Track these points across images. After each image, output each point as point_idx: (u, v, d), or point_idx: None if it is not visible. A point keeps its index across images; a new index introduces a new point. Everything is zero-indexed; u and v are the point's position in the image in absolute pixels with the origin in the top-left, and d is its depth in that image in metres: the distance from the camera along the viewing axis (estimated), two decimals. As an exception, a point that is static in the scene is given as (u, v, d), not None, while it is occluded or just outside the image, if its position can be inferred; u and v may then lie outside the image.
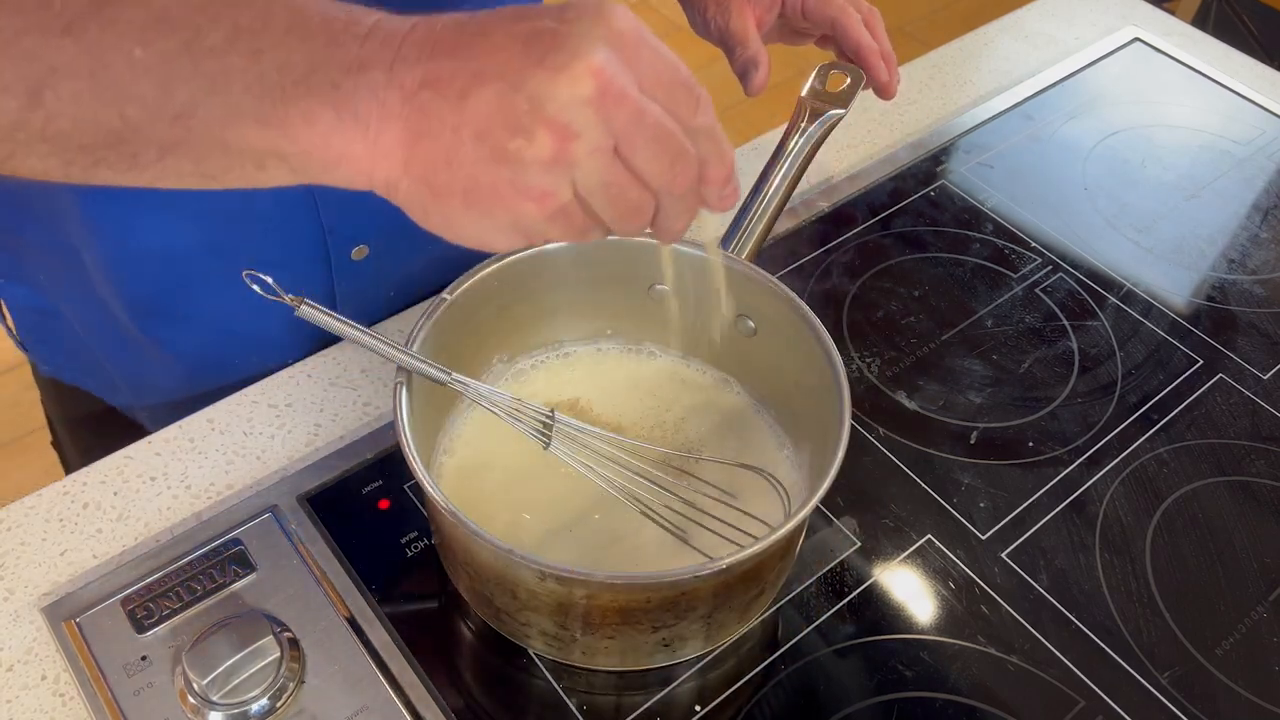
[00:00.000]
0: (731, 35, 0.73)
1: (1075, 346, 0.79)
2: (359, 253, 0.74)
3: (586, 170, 0.39)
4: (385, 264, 0.75)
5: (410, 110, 0.39)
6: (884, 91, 0.76)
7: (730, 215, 0.68)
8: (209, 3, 0.39)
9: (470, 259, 0.62)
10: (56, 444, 0.92)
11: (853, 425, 0.56)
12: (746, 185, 0.67)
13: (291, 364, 0.74)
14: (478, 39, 0.39)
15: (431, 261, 0.77)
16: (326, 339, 0.77)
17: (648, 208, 0.42)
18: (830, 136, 0.72)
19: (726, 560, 0.49)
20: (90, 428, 0.86)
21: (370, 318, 0.77)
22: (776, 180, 0.65)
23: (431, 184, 0.40)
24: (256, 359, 0.75)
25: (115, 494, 0.66)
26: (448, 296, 0.59)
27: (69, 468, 0.89)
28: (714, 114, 0.42)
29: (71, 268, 0.70)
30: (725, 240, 0.65)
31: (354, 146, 0.40)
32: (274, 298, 0.52)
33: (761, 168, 0.71)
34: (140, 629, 0.58)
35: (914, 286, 0.83)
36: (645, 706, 0.58)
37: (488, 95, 0.38)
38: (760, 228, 0.65)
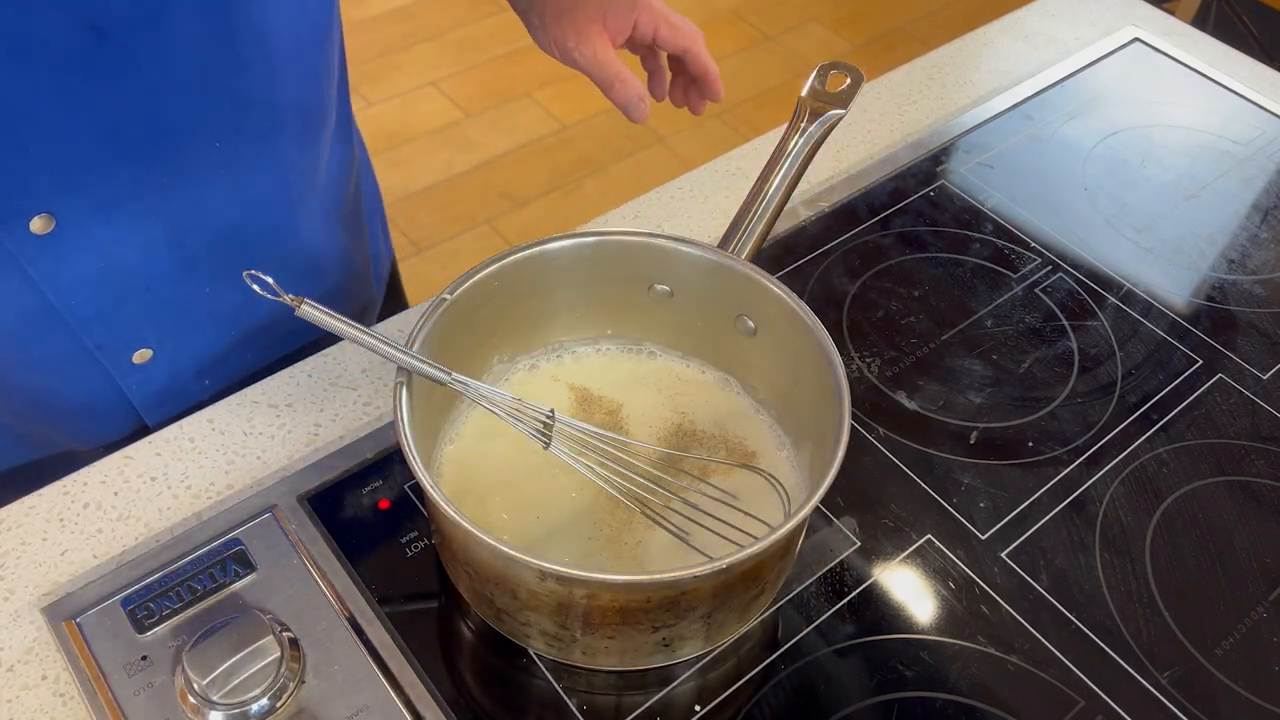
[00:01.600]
0: (602, 67, 0.72)
1: (1075, 346, 0.79)
2: (141, 356, 0.71)
3: None
4: (180, 358, 0.73)
5: None
6: (717, 98, 0.79)
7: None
8: None
9: (272, 341, 0.64)
10: None
11: (853, 425, 0.56)
12: (746, 185, 0.67)
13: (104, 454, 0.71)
14: None
15: (232, 343, 0.74)
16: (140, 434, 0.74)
17: None
18: (830, 136, 0.72)
19: (727, 560, 0.49)
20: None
21: (185, 411, 0.73)
22: (776, 180, 0.65)
23: None
24: (61, 443, 0.74)
25: (115, 494, 0.66)
26: (448, 296, 0.59)
27: None
28: None
29: None
30: (725, 240, 0.65)
31: None
32: (274, 297, 0.52)
33: (761, 168, 0.71)
34: (140, 629, 0.58)
35: (914, 286, 0.83)
36: (645, 706, 0.58)
37: None
38: (760, 228, 0.65)
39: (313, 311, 0.52)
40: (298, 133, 0.70)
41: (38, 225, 0.60)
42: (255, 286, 0.52)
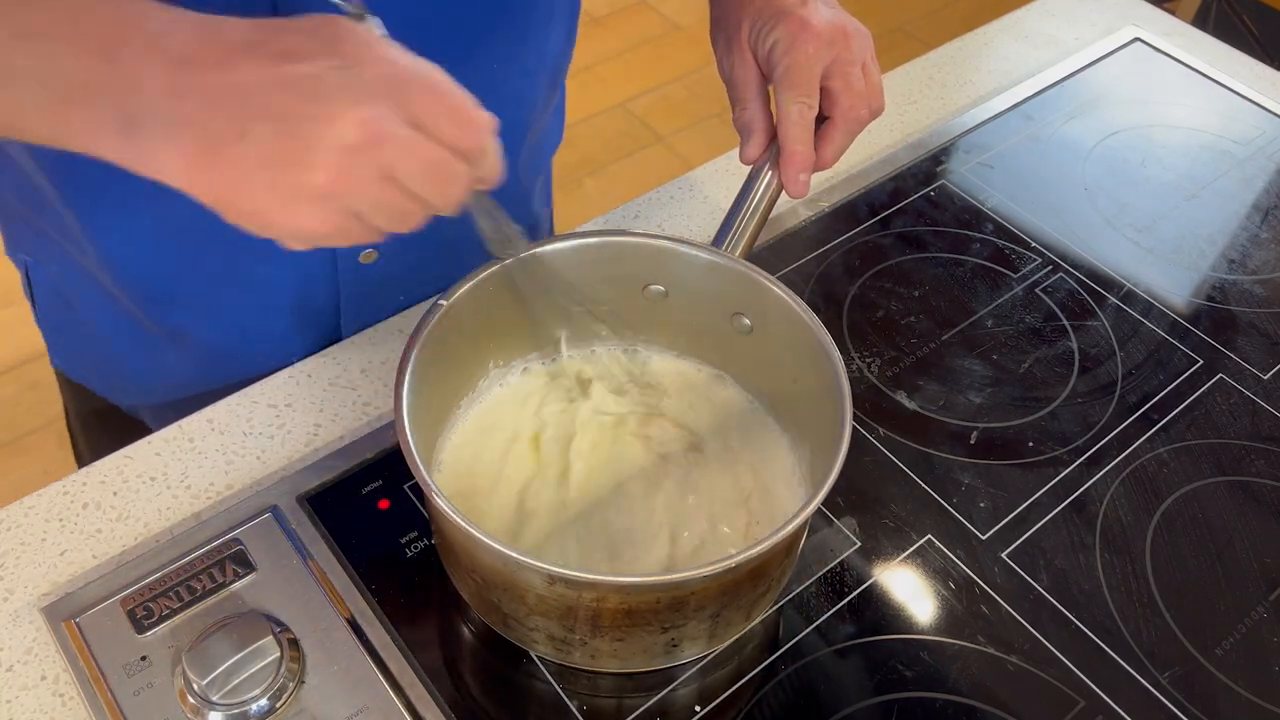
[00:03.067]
0: (734, 87, 0.67)
1: (1075, 346, 0.79)
2: (367, 257, 0.73)
3: (358, 198, 0.43)
4: (394, 269, 0.75)
5: (189, 142, 0.42)
6: (787, 190, 0.66)
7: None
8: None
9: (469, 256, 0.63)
10: (72, 436, 0.93)
11: (853, 425, 0.56)
12: (738, 182, 0.67)
13: (295, 362, 0.74)
14: (250, 79, 0.41)
15: (442, 266, 0.76)
16: (332, 337, 0.77)
17: (420, 215, 0.46)
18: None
19: (736, 558, 0.49)
20: (98, 424, 0.86)
21: (375, 320, 0.77)
22: (768, 176, 0.65)
23: (218, 201, 0.43)
24: (262, 355, 0.75)
25: (115, 494, 0.66)
26: (443, 302, 0.59)
27: (81, 461, 0.89)
28: (486, 133, 0.46)
29: (83, 255, 0.71)
30: (718, 238, 0.65)
31: (138, 160, 0.42)
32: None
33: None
34: (140, 629, 0.58)
35: (914, 286, 0.83)
36: (645, 707, 0.58)
37: (262, 135, 0.41)
38: (753, 225, 0.65)
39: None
40: (546, 88, 0.75)
41: None
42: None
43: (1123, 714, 0.59)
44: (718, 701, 0.59)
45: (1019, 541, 0.67)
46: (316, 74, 0.41)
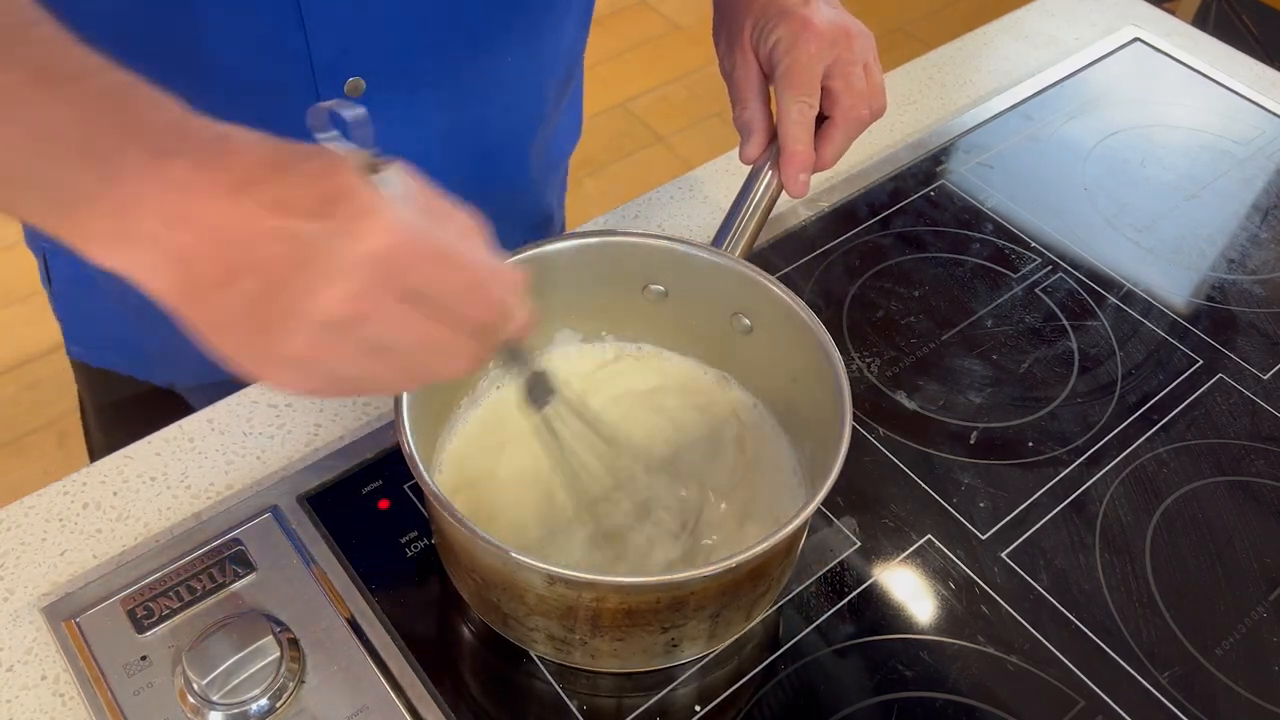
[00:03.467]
0: (735, 86, 0.66)
1: (1075, 346, 0.79)
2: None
3: (338, 369, 0.41)
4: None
5: (178, 275, 0.40)
6: (787, 190, 0.65)
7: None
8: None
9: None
10: (86, 431, 0.93)
11: (853, 425, 0.56)
12: (738, 182, 0.67)
13: None
14: (242, 223, 0.39)
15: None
16: None
17: (421, 384, 0.44)
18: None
19: (734, 559, 0.49)
20: (115, 416, 0.87)
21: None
22: (768, 176, 0.65)
23: (199, 335, 0.41)
24: None
25: (115, 494, 0.66)
26: None
27: (94, 455, 0.89)
28: (502, 301, 0.43)
29: None
30: (718, 238, 0.65)
31: (126, 274, 0.41)
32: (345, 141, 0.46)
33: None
34: (140, 629, 0.58)
35: (914, 286, 0.83)
36: (645, 707, 0.58)
37: (244, 290, 0.39)
38: (753, 225, 0.65)
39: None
40: (561, 80, 0.75)
41: (350, 86, 0.65)
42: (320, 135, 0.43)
43: (1123, 714, 0.59)
44: (718, 701, 0.59)
45: (1019, 541, 0.67)
46: (307, 236, 0.39)
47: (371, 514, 0.65)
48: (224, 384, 0.73)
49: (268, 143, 0.41)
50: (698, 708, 0.58)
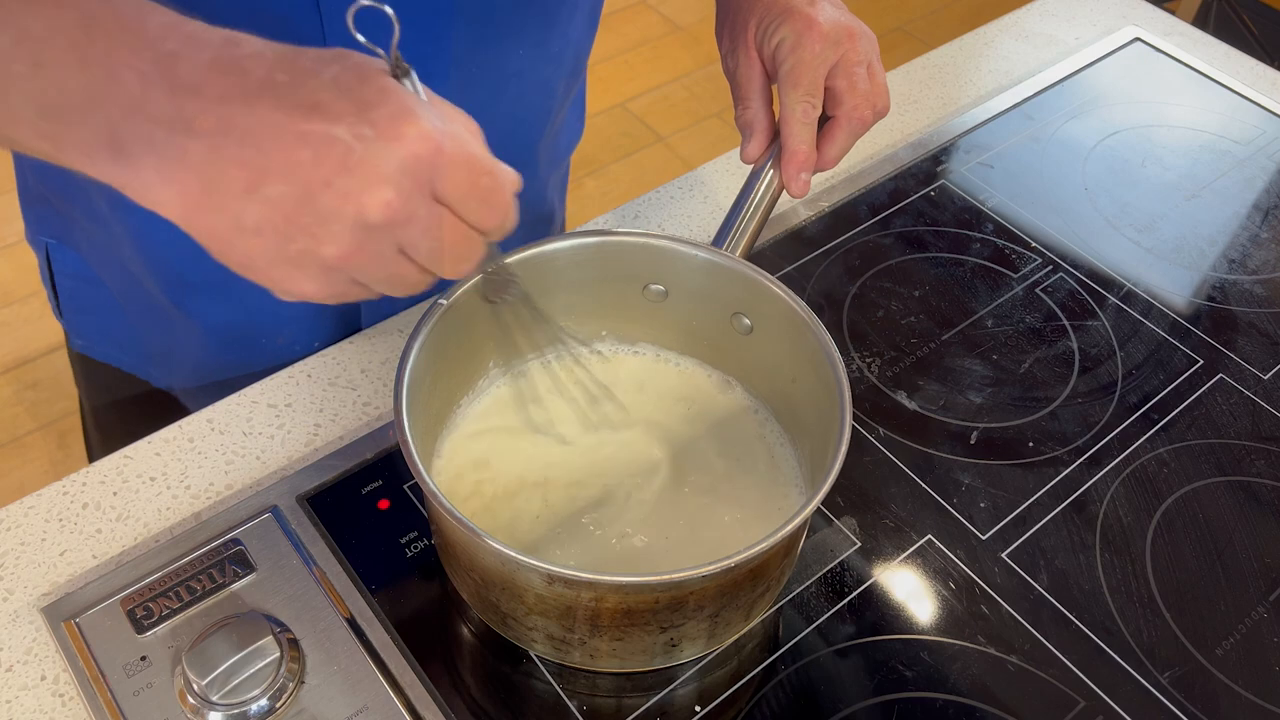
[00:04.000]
0: (737, 85, 0.66)
1: (1075, 346, 0.79)
2: None
3: (367, 271, 0.41)
4: None
5: (192, 181, 0.39)
6: (788, 189, 0.65)
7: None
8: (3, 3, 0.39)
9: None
10: (85, 430, 0.93)
11: (853, 425, 0.56)
12: (738, 182, 0.67)
13: (317, 351, 0.74)
14: (268, 127, 0.38)
15: None
16: (353, 326, 0.77)
17: (427, 284, 0.45)
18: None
19: (735, 558, 0.49)
20: (114, 416, 0.87)
21: (395, 311, 0.78)
22: (768, 177, 0.65)
23: (211, 245, 0.40)
24: (284, 338, 0.75)
25: (115, 494, 0.66)
26: (443, 302, 0.59)
27: (92, 455, 0.89)
28: (511, 205, 0.44)
29: (109, 235, 0.70)
30: (718, 238, 0.65)
31: (130, 186, 0.40)
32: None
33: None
34: (140, 629, 0.58)
35: (914, 286, 0.83)
36: (645, 707, 0.58)
37: (274, 195, 0.38)
38: (753, 225, 0.65)
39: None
40: (568, 75, 0.75)
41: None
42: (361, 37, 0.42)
43: (1123, 714, 0.59)
44: (718, 701, 0.59)
45: (1019, 541, 0.67)
46: (345, 140, 0.38)
47: (371, 514, 0.65)
48: (223, 384, 0.73)
49: (279, 46, 0.40)
50: (698, 708, 0.58)
